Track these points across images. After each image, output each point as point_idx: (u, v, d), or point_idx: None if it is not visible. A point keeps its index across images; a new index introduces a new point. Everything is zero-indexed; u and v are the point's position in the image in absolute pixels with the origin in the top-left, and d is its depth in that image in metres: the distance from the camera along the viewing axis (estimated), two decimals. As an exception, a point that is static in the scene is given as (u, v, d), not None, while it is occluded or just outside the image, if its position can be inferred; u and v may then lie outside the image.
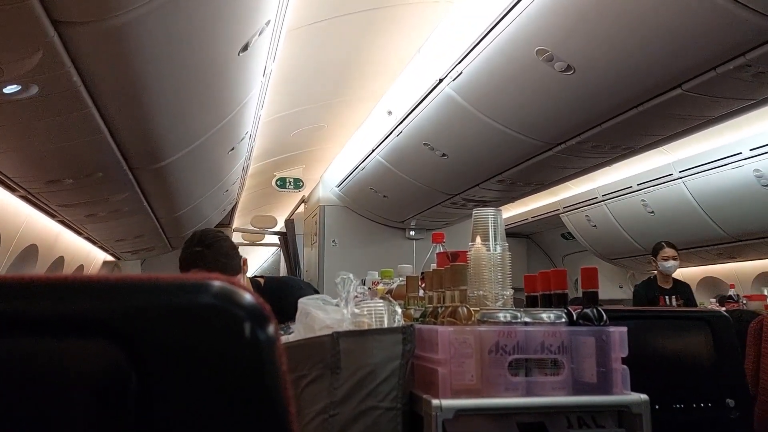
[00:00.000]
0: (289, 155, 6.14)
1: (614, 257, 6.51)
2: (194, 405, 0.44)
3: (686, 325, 1.72)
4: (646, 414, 1.12)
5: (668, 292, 4.24)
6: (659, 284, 4.31)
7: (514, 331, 1.15)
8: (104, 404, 0.43)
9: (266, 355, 0.45)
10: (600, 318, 1.21)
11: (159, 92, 2.32)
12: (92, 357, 0.43)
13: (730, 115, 3.01)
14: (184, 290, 0.46)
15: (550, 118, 3.30)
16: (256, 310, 0.47)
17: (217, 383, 0.44)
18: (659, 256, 4.22)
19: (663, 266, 4.21)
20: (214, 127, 3.14)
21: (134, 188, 3.51)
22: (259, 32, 2.46)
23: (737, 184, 4.42)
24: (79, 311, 0.43)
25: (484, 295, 1.35)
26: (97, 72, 1.97)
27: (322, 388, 1.23)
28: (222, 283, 0.47)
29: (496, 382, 1.13)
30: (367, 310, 1.33)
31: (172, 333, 0.44)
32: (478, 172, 4.37)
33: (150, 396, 0.43)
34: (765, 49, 2.30)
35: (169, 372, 0.44)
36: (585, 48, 2.59)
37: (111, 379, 0.43)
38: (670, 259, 4.20)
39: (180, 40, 2.00)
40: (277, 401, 0.44)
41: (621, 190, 5.53)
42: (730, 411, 1.63)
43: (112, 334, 0.43)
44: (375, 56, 3.95)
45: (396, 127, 4.17)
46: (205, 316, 0.45)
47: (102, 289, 0.44)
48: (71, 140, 2.48)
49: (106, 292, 0.44)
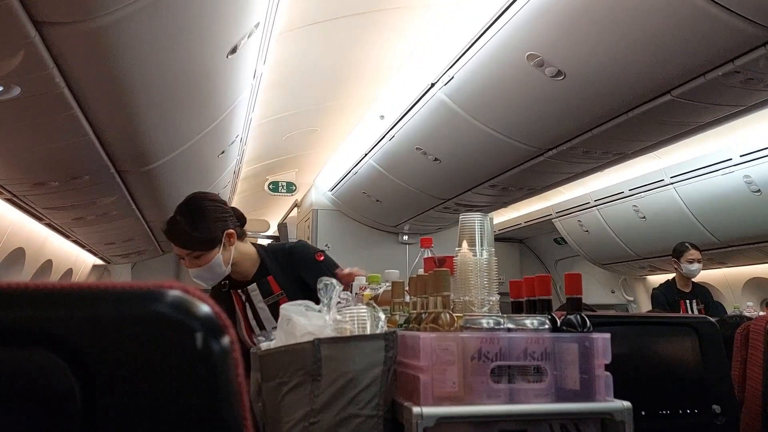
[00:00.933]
0: (281, 159, 6.12)
1: (606, 262, 6.52)
2: (143, 420, 0.42)
3: (673, 331, 1.71)
4: (628, 421, 1.11)
5: (688, 296, 4.03)
6: (679, 287, 4.07)
7: (497, 338, 1.14)
8: (46, 419, 0.41)
9: (219, 367, 0.43)
10: (583, 324, 1.20)
11: (145, 94, 2.29)
12: (34, 368, 0.41)
13: (719, 121, 3.02)
14: (135, 299, 0.44)
15: (541, 124, 3.30)
16: (210, 320, 0.45)
17: (167, 397, 0.42)
18: (683, 258, 3.97)
19: (687, 269, 3.97)
20: (204, 130, 3.12)
21: (122, 191, 3.48)
22: (248, 35, 2.44)
23: (727, 189, 4.43)
24: (19, 320, 0.41)
25: (470, 301, 1.34)
26: (80, 73, 1.95)
27: (302, 395, 1.21)
28: (177, 291, 0.45)
29: (478, 389, 1.11)
30: (349, 316, 1.32)
31: (120, 344, 0.42)
32: (470, 177, 4.37)
33: (95, 410, 0.41)
34: (753, 56, 2.31)
35: (116, 385, 0.42)
36: (575, 53, 2.59)
37: (54, 392, 0.41)
38: (695, 261, 3.95)
39: (166, 41, 1.98)
40: (230, 414, 0.43)
41: (613, 196, 5.54)
42: (717, 417, 1.63)
43: (55, 345, 0.41)
44: (367, 60, 3.94)
45: (388, 131, 4.16)
46: (156, 326, 0.43)
47: (45, 297, 0.42)
48: (56, 142, 2.46)
49: (49, 300, 0.42)
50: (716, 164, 4.41)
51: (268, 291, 2.06)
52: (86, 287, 0.44)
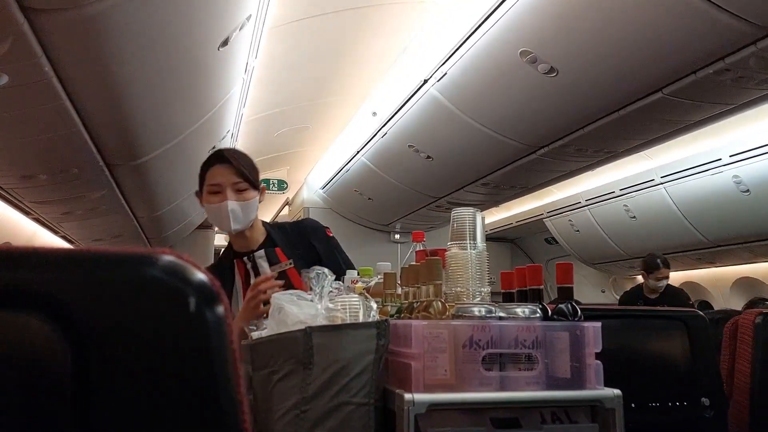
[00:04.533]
0: (273, 156, 6.10)
1: (597, 262, 6.55)
2: (134, 383, 0.41)
3: (663, 324, 1.72)
4: (618, 409, 1.11)
5: (653, 302, 4.14)
6: (645, 294, 4.23)
7: (488, 326, 1.13)
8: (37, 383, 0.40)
9: (213, 332, 0.43)
10: (575, 313, 1.20)
11: (135, 85, 2.28)
12: (24, 332, 0.40)
13: (710, 119, 3.04)
14: (129, 263, 0.44)
15: (533, 121, 3.31)
16: (204, 286, 0.44)
17: (159, 361, 0.42)
18: (652, 276, 4.12)
19: (654, 285, 4.14)
20: (195, 124, 3.11)
21: (111, 185, 3.46)
22: (240, 27, 2.43)
23: (717, 190, 4.47)
24: (11, 281, 0.40)
25: (461, 292, 1.34)
26: (69, 63, 1.93)
27: (293, 383, 1.20)
28: (171, 257, 0.45)
29: (469, 376, 1.11)
30: (341, 304, 1.31)
31: (112, 307, 0.42)
32: (462, 175, 4.37)
33: (87, 373, 0.41)
34: (744, 54, 2.32)
35: (107, 348, 0.41)
36: (568, 50, 2.60)
37: (45, 356, 0.40)
38: (663, 279, 4.11)
39: (157, 31, 1.97)
40: (223, 379, 0.42)
41: (604, 195, 5.57)
42: (705, 410, 1.63)
43: (47, 307, 0.40)
44: (359, 56, 3.93)
45: (381, 128, 4.16)
46: (150, 290, 0.43)
47: (37, 260, 0.42)
48: (44, 134, 2.43)
49: (42, 262, 0.42)
50: (706, 164, 4.44)
51: (275, 260, 1.98)
52: (79, 251, 0.43)
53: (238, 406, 0.43)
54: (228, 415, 0.42)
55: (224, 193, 1.79)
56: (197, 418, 0.42)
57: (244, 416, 0.42)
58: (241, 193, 1.80)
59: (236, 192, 1.80)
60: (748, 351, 1.83)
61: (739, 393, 1.79)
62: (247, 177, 1.80)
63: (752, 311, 1.88)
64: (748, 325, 1.85)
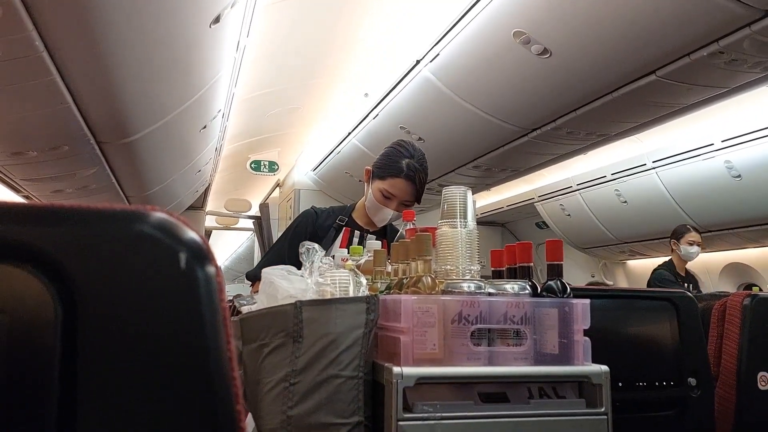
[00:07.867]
0: (264, 137, 6.07)
1: (587, 246, 6.58)
2: (123, 339, 0.41)
3: (651, 305, 1.73)
4: (606, 385, 1.13)
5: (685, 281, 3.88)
6: (677, 270, 3.91)
7: (477, 302, 1.14)
8: (25, 338, 0.40)
9: (203, 289, 0.43)
10: (564, 290, 1.20)
11: (126, 61, 2.25)
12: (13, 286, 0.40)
13: (704, 102, 3.04)
14: (120, 219, 0.43)
15: (526, 103, 3.30)
16: (195, 244, 0.44)
17: (149, 317, 0.42)
18: (683, 239, 3.81)
19: (686, 251, 3.81)
20: (185, 102, 3.08)
21: (102, 163, 3.43)
22: (232, 4, 2.40)
23: (708, 175, 4.48)
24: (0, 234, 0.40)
25: (451, 269, 1.34)
26: (60, 38, 1.91)
27: (283, 356, 1.21)
28: (162, 214, 0.44)
29: (458, 351, 1.12)
30: (331, 279, 1.31)
31: (103, 262, 0.41)
32: (454, 157, 4.37)
33: (75, 328, 0.41)
34: (738, 36, 2.32)
35: (97, 303, 0.41)
36: (562, 31, 2.59)
37: (34, 308, 0.40)
38: (694, 244, 3.80)
39: (148, 5, 1.94)
40: (213, 336, 0.42)
41: (595, 180, 5.58)
42: (692, 390, 1.65)
43: (37, 261, 0.40)
44: (352, 36, 3.90)
45: (372, 109, 4.14)
46: (140, 246, 0.43)
47: (28, 214, 0.41)
48: (35, 110, 2.40)
49: (32, 216, 0.41)
50: (698, 149, 4.45)
51: None
52: (70, 206, 0.43)
53: (227, 362, 0.43)
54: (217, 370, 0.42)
55: (393, 202, 2.05)
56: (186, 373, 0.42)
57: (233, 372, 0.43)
58: (403, 206, 2.05)
59: (401, 205, 2.06)
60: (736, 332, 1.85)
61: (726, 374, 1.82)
62: (417, 199, 2.06)
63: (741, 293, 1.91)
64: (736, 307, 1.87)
